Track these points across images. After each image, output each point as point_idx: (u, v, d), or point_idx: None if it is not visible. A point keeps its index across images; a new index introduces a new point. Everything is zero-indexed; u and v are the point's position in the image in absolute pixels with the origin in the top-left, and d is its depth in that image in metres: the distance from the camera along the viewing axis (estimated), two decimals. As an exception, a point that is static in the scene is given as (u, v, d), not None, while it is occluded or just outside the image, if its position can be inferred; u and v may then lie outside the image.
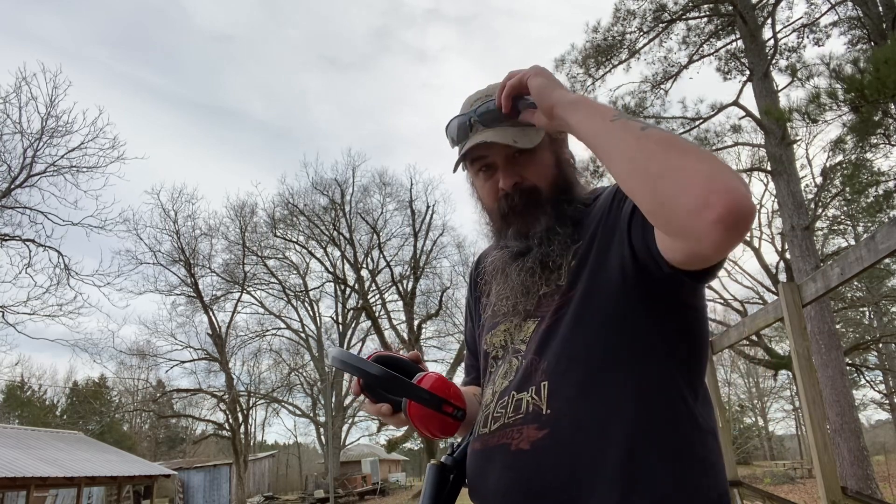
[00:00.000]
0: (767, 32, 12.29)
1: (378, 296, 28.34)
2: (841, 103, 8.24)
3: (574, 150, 1.16)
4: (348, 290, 28.75)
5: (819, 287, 3.24)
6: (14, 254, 16.46)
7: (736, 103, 12.08)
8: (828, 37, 12.53)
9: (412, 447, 42.27)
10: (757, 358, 18.06)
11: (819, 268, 7.72)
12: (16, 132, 15.88)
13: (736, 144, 12.90)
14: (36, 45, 44.30)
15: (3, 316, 16.37)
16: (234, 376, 27.00)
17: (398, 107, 72.81)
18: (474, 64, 69.44)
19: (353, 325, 29.38)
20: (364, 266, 28.31)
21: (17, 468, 14.38)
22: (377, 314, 27.12)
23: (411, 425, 1.02)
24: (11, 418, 35.05)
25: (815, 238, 12.69)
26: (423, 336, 28.00)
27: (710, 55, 13.35)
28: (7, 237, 16.17)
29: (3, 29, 39.21)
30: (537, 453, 0.91)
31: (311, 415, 31.73)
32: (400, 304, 28.10)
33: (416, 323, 27.32)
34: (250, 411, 28.80)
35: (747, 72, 11.94)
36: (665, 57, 13.44)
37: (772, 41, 12.14)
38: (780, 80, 12.12)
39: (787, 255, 13.84)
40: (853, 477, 9.06)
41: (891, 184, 12.24)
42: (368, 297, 27.43)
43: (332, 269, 28.26)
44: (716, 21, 13.09)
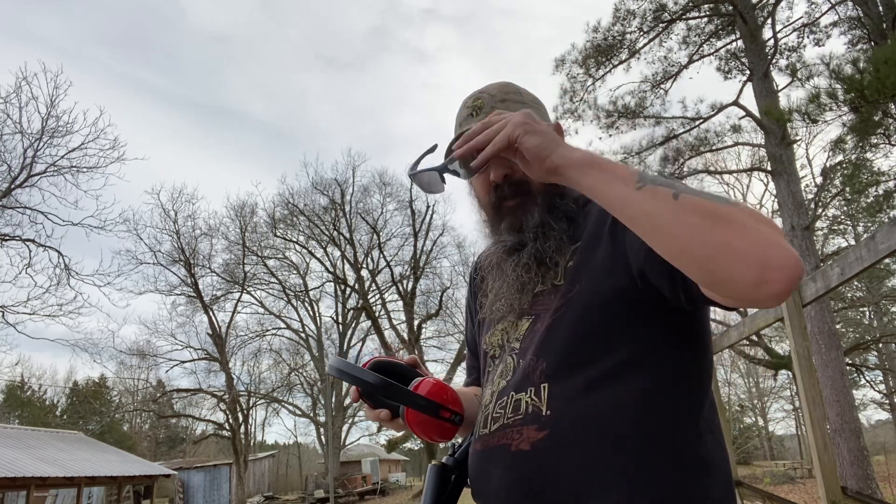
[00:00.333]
0: (767, 32, 12.31)
1: (378, 296, 28.35)
2: (841, 103, 8.25)
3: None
4: (348, 290, 28.76)
5: (819, 287, 3.24)
6: (14, 254, 16.53)
7: (736, 103, 12.08)
8: (828, 37, 12.55)
9: (412, 447, 42.30)
10: (757, 358, 18.04)
11: (819, 268, 7.71)
12: (16, 132, 15.94)
13: (736, 144, 12.92)
14: (36, 45, 44.40)
15: (3, 316, 16.41)
16: (234, 376, 27.04)
17: (398, 106, 72.94)
18: (474, 64, 69.56)
19: (353, 325, 29.39)
20: (364, 266, 28.32)
21: (17, 468, 14.38)
22: (377, 314, 27.10)
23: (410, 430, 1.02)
24: (11, 418, 35.06)
25: (815, 238, 12.70)
26: (423, 336, 28.01)
27: (710, 55, 13.36)
28: (7, 237, 16.18)
29: (4, 29, 39.26)
30: (538, 454, 0.91)
31: (311, 415, 31.75)
32: (400, 304, 28.10)
33: (416, 323, 27.31)
34: (250, 411, 28.83)
35: (747, 72, 11.94)
36: (665, 57, 13.46)
37: (772, 41, 12.14)
38: (780, 80, 12.16)
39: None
40: (853, 477, 9.06)
41: (891, 184, 12.24)
42: (368, 297, 27.41)
43: (332, 269, 28.27)
44: (716, 21, 13.09)
